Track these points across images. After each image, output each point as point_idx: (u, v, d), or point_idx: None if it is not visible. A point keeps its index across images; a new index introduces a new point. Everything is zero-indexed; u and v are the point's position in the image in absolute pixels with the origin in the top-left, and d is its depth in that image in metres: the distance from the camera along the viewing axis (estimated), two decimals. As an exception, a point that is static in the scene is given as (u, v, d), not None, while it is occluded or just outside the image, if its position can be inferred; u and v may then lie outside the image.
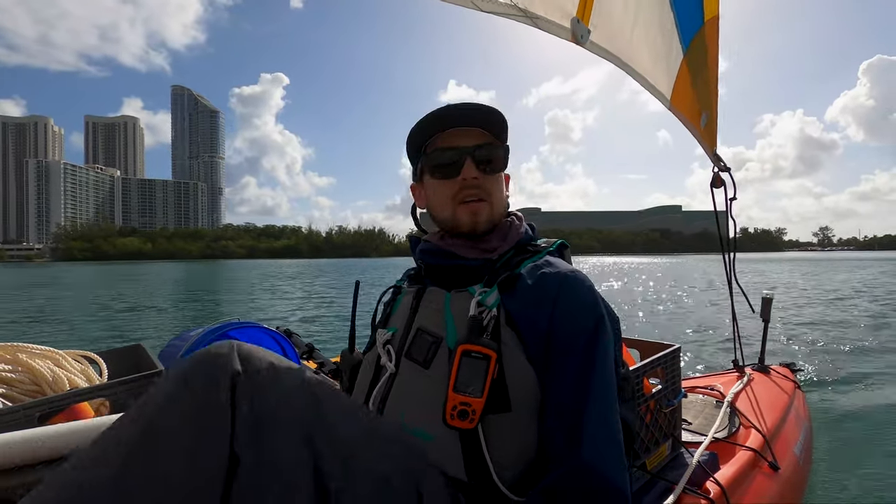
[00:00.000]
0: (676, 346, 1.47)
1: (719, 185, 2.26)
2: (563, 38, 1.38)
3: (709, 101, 2.09)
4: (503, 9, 1.24)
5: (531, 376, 0.81)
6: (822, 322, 7.86)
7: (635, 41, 1.63)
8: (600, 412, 0.77)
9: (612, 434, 0.78)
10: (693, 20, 1.81)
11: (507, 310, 0.84)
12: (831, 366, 4.77)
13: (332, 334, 7.82)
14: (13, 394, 1.23)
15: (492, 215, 0.95)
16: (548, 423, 0.80)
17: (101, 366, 1.45)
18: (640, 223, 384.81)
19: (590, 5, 1.37)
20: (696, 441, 1.48)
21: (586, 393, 0.78)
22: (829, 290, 14.18)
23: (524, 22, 1.30)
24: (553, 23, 1.33)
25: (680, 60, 1.85)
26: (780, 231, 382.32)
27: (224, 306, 13.27)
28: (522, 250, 0.95)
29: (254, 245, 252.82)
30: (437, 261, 0.98)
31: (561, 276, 0.86)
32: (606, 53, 1.54)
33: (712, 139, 2.19)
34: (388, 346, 0.94)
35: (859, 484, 2.31)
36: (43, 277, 31.98)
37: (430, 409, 0.81)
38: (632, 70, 1.68)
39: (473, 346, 0.78)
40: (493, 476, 0.78)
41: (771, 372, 2.34)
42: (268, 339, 1.89)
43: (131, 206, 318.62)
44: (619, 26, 1.53)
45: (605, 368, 0.80)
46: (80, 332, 8.38)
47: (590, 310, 0.83)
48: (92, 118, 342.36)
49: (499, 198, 0.96)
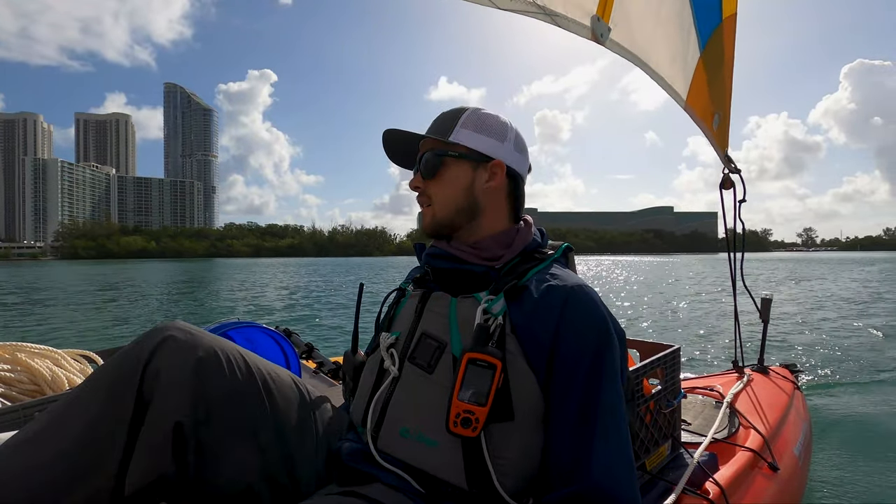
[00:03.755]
0: (676, 346, 1.47)
1: (729, 187, 2.25)
2: (582, 36, 1.36)
3: (723, 102, 2.06)
4: (522, 6, 1.23)
5: (534, 387, 0.81)
6: (821, 322, 7.92)
7: (655, 39, 1.60)
8: (610, 432, 0.77)
9: (623, 454, 0.78)
10: (711, 17, 1.78)
11: (512, 319, 0.84)
12: (831, 366, 4.80)
13: (341, 331, 7.86)
14: (12, 393, 1.22)
15: (435, 217, 0.97)
16: (554, 439, 0.80)
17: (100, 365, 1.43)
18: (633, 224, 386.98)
19: (611, 3, 1.33)
20: (695, 442, 1.48)
21: (594, 412, 0.78)
22: (831, 292, 14.25)
23: (543, 19, 1.28)
24: (573, 20, 1.31)
25: (697, 59, 1.82)
26: (766, 232, 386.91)
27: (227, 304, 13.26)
28: (529, 257, 0.95)
29: (259, 244, 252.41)
30: (443, 264, 0.98)
31: (567, 289, 0.85)
32: (625, 52, 1.51)
33: (724, 140, 2.17)
34: (391, 350, 0.94)
35: (859, 484, 2.33)
36: (69, 275, 31.99)
37: (433, 415, 0.81)
38: (649, 69, 1.65)
39: (479, 355, 0.78)
40: (494, 484, 0.78)
41: (770, 372, 2.35)
42: (267, 338, 1.87)
43: (127, 205, 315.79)
44: (638, 24, 1.50)
45: (613, 386, 0.80)
46: (94, 329, 8.38)
47: (596, 326, 0.83)
48: (83, 115, 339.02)
49: (443, 200, 0.96)
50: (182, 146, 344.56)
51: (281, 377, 0.95)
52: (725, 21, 1.84)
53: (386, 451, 0.87)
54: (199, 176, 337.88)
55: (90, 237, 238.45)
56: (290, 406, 0.93)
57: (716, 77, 1.96)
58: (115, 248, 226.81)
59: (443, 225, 0.97)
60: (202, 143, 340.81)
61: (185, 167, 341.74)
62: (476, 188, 0.95)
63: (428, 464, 0.82)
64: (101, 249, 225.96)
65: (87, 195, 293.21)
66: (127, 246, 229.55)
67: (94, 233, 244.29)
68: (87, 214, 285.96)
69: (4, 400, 1.19)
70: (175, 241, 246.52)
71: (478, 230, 0.97)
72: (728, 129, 2.17)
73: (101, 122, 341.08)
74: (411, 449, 0.84)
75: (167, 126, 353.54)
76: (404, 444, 0.85)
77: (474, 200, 0.96)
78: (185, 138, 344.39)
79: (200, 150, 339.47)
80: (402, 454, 0.85)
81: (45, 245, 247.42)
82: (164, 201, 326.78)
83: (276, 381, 0.93)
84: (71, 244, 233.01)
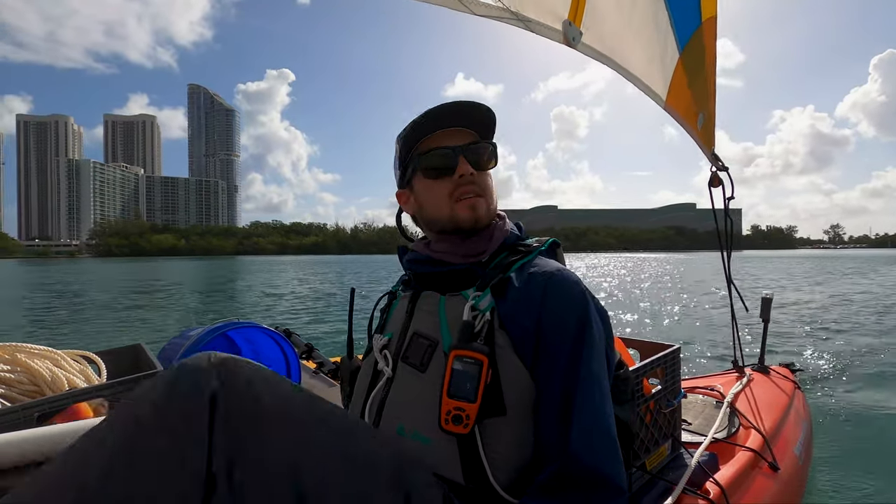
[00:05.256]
0: (676, 346, 1.46)
1: (717, 185, 2.25)
2: (555, 41, 1.38)
3: (706, 102, 2.07)
4: (495, 12, 1.24)
5: (526, 379, 0.82)
6: (821, 322, 7.73)
7: (629, 42, 1.62)
8: (589, 403, 0.78)
9: (602, 424, 0.78)
10: (690, 20, 1.79)
11: (500, 313, 0.84)
12: (832, 366, 4.71)
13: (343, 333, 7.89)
14: (12, 394, 1.24)
15: (489, 210, 0.95)
16: (540, 421, 0.80)
17: (100, 366, 1.47)
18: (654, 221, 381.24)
19: (581, 7, 1.37)
20: (695, 441, 1.47)
21: (574, 385, 0.78)
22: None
23: (516, 25, 1.29)
24: (545, 25, 1.33)
25: (676, 60, 1.83)
26: (792, 229, 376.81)
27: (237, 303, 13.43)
28: (514, 251, 0.95)
29: (284, 241, 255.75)
30: (425, 269, 0.98)
31: (547, 274, 0.86)
32: (598, 55, 1.53)
33: (710, 139, 2.18)
34: (384, 351, 0.95)
35: (859, 484, 2.29)
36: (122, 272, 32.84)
37: (427, 413, 0.82)
38: (625, 71, 1.67)
39: (465, 352, 0.79)
40: (489, 479, 0.78)
41: (771, 372, 2.33)
42: (267, 339, 1.89)
43: (155, 204, 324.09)
44: (611, 27, 1.52)
45: (592, 360, 0.80)
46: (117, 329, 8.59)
47: (576, 305, 0.83)
48: (111, 117, 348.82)
49: (492, 194, 0.97)
50: (206, 146, 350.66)
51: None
52: (705, 23, 1.85)
53: None
54: (223, 175, 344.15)
55: (123, 235, 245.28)
56: None
57: (697, 78, 1.98)
58: (148, 246, 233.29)
59: (491, 219, 0.97)
60: (225, 143, 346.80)
61: (208, 166, 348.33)
62: None
63: (424, 461, 0.83)
64: (135, 247, 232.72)
65: (117, 194, 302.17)
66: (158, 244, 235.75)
67: (127, 231, 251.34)
68: (117, 213, 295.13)
69: (4, 400, 1.20)
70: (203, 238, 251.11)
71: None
72: (714, 129, 2.18)
73: (128, 123, 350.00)
74: None
75: (191, 126, 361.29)
76: None
77: None
78: (209, 138, 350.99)
79: (223, 150, 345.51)
80: None
81: (80, 243, 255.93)
82: (190, 200, 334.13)
83: None
84: (105, 242, 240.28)
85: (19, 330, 8.81)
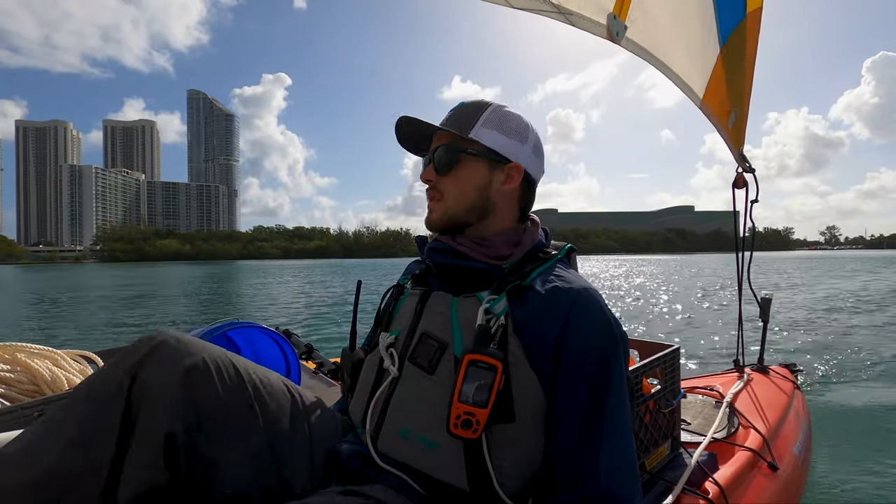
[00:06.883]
0: (676, 346, 1.46)
1: (741, 186, 2.21)
2: (597, 35, 1.32)
3: (741, 98, 1.99)
4: (537, 5, 1.21)
5: (536, 387, 0.81)
6: (822, 321, 7.75)
7: (673, 36, 1.54)
8: (615, 437, 0.77)
9: (628, 459, 0.78)
10: (735, 12, 1.70)
11: (515, 319, 0.83)
12: (832, 365, 4.72)
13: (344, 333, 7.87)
14: (12, 394, 1.24)
15: (446, 213, 0.94)
16: (559, 443, 0.79)
17: (100, 365, 1.46)
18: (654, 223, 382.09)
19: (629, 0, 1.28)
20: (695, 441, 1.47)
21: (601, 417, 0.78)
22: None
23: (557, 19, 1.26)
24: (588, 19, 1.28)
25: (716, 55, 1.74)
26: (788, 230, 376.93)
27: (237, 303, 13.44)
28: (533, 257, 0.94)
29: (287, 246, 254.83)
30: (446, 259, 0.95)
31: (574, 292, 0.84)
32: (641, 50, 1.46)
33: (739, 138, 2.11)
34: (391, 350, 0.93)
35: (859, 484, 2.30)
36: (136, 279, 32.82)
37: (434, 416, 0.81)
38: (666, 68, 1.60)
39: (480, 356, 0.77)
40: (494, 485, 0.78)
41: (770, 372, 2.32)
42: (266, 339, 1.89)
43: (156, 209, 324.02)
44: (657, 21, 1.43)
45: (619, 391, 0.80)
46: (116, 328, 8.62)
47: (603, 331, 0.82)
48: (110, 122, 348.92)
49: (456, 196, 0.94)
50: (205, 151, 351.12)
51: (272, 382, 0.94)
52: (750, 15, 1.75)
53: (386, 452, 0.87)
54: (222, 180, 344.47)
55: (127, 240, 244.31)
56: (282, 411, 0.91)
57: (735, 72, 1.88)
58: (152, 251, 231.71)
59: (453, 222, 0.95)
60: (224, 148, 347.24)
61: (207, 171, 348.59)
62: (492, 189, 0.94)
63: (428, 466, 0.82)
64: (139, 252, 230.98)
65: (118, 200, 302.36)
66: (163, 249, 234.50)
67: (131, 236, 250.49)
68: (119, 218, 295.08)
69: (4, 400, 1.20)
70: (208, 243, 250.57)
71: (486, 228, 0.96)
72: (744, 128, 2.10)
73: (127, 128, 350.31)
74: (412, 450, 0.84)
75: (190, 132, 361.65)
76: (405, 446, 0.85)
77: (488, 200, 0.94)
78: (208, 143, 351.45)
79: (222, 155, 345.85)
80: (403, 456, 0.85)
81: (84, 248, 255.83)
82: (191, 205, 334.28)
83: (268, 387, 0.91)
84: (110, 247, 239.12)
85: (19, 330, 8.83)
